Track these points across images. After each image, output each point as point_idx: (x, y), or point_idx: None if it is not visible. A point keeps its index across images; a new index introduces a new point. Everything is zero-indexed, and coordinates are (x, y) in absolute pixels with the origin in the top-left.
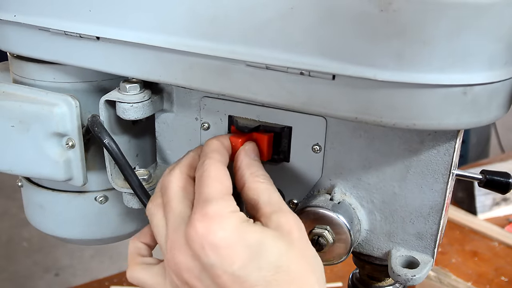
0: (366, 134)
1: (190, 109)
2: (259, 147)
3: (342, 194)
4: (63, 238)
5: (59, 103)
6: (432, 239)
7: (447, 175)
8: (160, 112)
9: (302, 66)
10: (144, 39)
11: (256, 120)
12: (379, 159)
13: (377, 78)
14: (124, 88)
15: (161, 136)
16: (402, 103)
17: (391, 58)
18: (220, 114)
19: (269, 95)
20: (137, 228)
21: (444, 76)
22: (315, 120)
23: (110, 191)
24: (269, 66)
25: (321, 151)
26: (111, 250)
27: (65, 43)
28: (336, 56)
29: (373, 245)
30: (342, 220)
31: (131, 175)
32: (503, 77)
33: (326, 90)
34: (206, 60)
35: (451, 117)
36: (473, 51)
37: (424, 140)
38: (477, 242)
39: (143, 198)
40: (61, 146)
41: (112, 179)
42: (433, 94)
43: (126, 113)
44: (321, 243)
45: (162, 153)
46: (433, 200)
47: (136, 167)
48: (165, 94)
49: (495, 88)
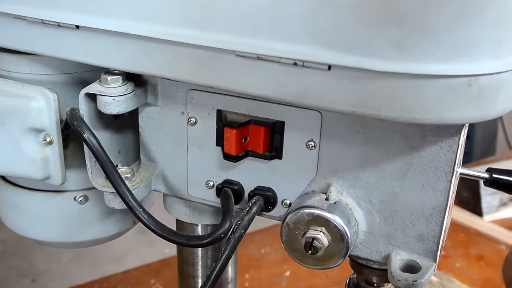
0: (364, 129)
1: (176, 102)
2: (255, 139)
3: (338, 194)
4: (40, 240)
5: (36, 96)
6: (434, 242)
7: (451, 173)
8: (144, 106)
9: (296, 56)
10: (127, 27)
11: (247, 114)
12: (377, 156)
13: (376, 69)
14: (105, 80)
15: (145, 132)
16: (402, 96)
17: (391, 47)
18: (208, 108)
19: (260, 87)
20: (120, 231)
21: (447, 66)
22: (310, 115)
23: (90, 191)
24: (260, 56)
25: (315, 148)
26: (91, 254)
27: (43, 32)
28: (332, 45)
29: (371, 248)
30: (338, 221)
31: (113, 173)
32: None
33: (321, 82)
34: (193, 50)
35: (455, 111)
36: (479, 39)
37: (426, 136)
38: (483, 245)
39: (125, 198)
40: (38, 142)
41: (93, 177)
42: (436, 86)
43: (108, 107)
44: (316, 246)
45: (146, 150)
46: (436, 200)
47: (118, 164)
48: (149, 86)
49: (502, 79)
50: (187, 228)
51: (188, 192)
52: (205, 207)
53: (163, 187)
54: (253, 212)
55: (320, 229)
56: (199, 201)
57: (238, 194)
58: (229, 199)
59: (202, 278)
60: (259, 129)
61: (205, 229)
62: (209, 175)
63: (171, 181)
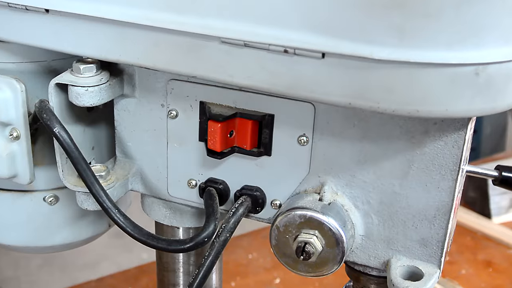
0: (361, 123)
1: (155, 94)
2: (242, 133)
3: (333, 194)
4: (7, 245)
5: (2, 87)
6: (438, 246)
7: (456, 171)
8: (120, 98)
9: (286, 42)
10: (101, 12)
11: (232, 106)
12: (376, 153)
13: (374, 57)
14: (77, 69)
15: (121, 126)
16: (403, 86)
17: (391, 33)
18: (190, 99)
19: (248, 77)
20: (93, 234)
21: (452, 53)
22: (302, 107)
23: (61, 190)
24: (248, 43)
25: (308, 143)
26: (62, 260)
27: (9, 16)
28: (326, 30)
29: (369, 253)
30: (333, 224)
31: (86, 171)
32: None
33: (314, 71)
34: (174, 36)
35: (460, 102)
36: (487, 23)
37: (429, 130)
38: (492, 250)
39: (100, 198)
40: (4, 137)
41: (64, 175)
42: (440, 75)
43: (80, 99)
44: (308, 251)
45: (122, 146)
46: (440, 200)
47: (91, 161)
48: (125, 76)
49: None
50: (167, 231)
51: (168, 192)
52: (186, 209)
53: (141, 186)
54: (240, 214)
55: (313, 233)
56: (180, 202)
57: (223, 194)
58: (213, 200)
59: (184, 286)
60: (246, 123)
61: (187, 232)
62: (192, 173)
63: (149, 180)
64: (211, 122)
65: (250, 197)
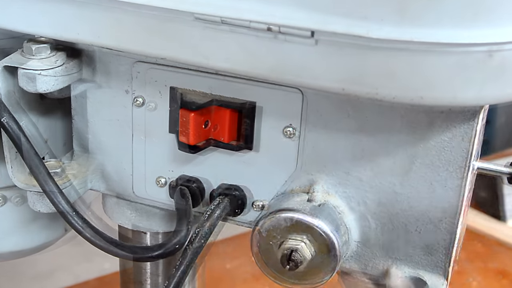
0: (356, 113)
1: (118, 78)
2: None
3: (324, 194)
4: None
5: None
6: (444, 254)
7: (465, 167)
8: (77, 83)
9: (270, 19)
10: None
11: (208, 93)
12: (373, 147)
13: (371, 36)
14: (29, 50)
15: (79, 115)
16: (405, 70)
17: (391, 8)
18: (159, 85)
19: (226, 59)
20: (47, 241)
21: (461, 32)
22: (288, 94)
23: (9, 190)
24: (225, 19)
25: (295, 135)
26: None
27: None
28: (316, 5)
29: (366, 262)
30: (324, 227)
31: (39, 168)
32: None
33: (302, 53)
34: (141, 11)
35: (471, 89)
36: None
37: (435, 121)
38: (505, 257)
39: (54, 198)
40: None
41: (13, 172)
42: (447, 57)
43: (32, 84)
44: (296, 259)
45: (80, 138)
46: (447, 201)
47: (45, 156)
48: (84, 58)
49: None
50: (132, 237)
51: (134, 191)
52: (155, 210)
53: (102, 185)
54: (216, 217)
55: (301, 238)
56: (147, 203)
57: (197, 193)
58: (186, 200)
59: None
60: (223, 112)
61: (155, 238)
62: (161, 169)
63: (112, 178)
64: (183, 110)
65: (229, 197)
